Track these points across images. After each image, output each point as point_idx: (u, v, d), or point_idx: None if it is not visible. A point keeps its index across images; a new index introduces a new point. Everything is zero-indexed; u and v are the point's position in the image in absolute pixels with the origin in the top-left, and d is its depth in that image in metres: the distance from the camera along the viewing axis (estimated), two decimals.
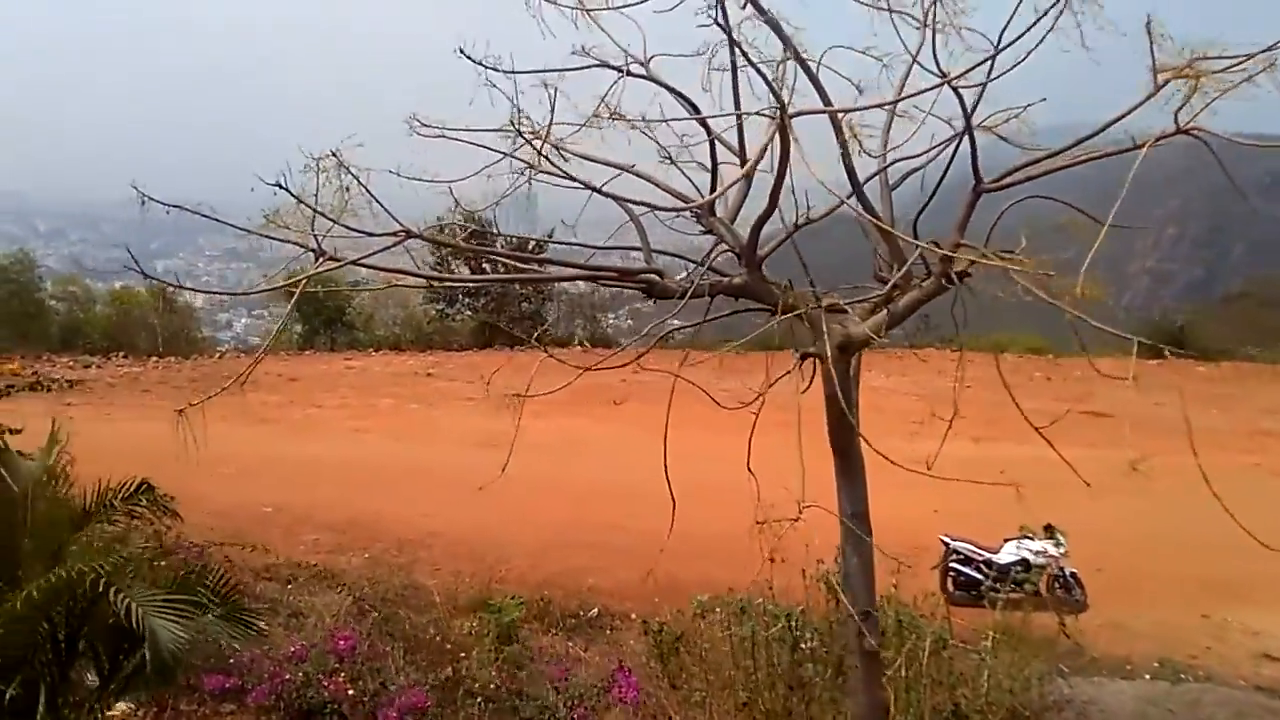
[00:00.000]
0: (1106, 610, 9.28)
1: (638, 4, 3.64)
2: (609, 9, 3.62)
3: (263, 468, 14.15)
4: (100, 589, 3.28)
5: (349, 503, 12.58)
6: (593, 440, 16.09)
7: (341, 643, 4.52)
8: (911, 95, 3.27)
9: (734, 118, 3.75)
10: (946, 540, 9.76)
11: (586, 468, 14.47)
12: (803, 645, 6.82)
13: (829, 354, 3.87)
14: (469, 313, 26.36)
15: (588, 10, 4.14)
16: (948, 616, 7.76)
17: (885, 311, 4.00)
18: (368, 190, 3.25)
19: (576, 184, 4.02)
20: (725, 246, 4.28)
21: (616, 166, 4.27)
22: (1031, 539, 9.55)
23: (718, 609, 9.43)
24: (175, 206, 3.49)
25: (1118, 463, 4.25)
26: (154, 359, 23.72)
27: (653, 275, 3.89)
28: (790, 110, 2.90)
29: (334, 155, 3.18)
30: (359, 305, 26.58)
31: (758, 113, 3.03)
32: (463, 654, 6.47)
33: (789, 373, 3.72)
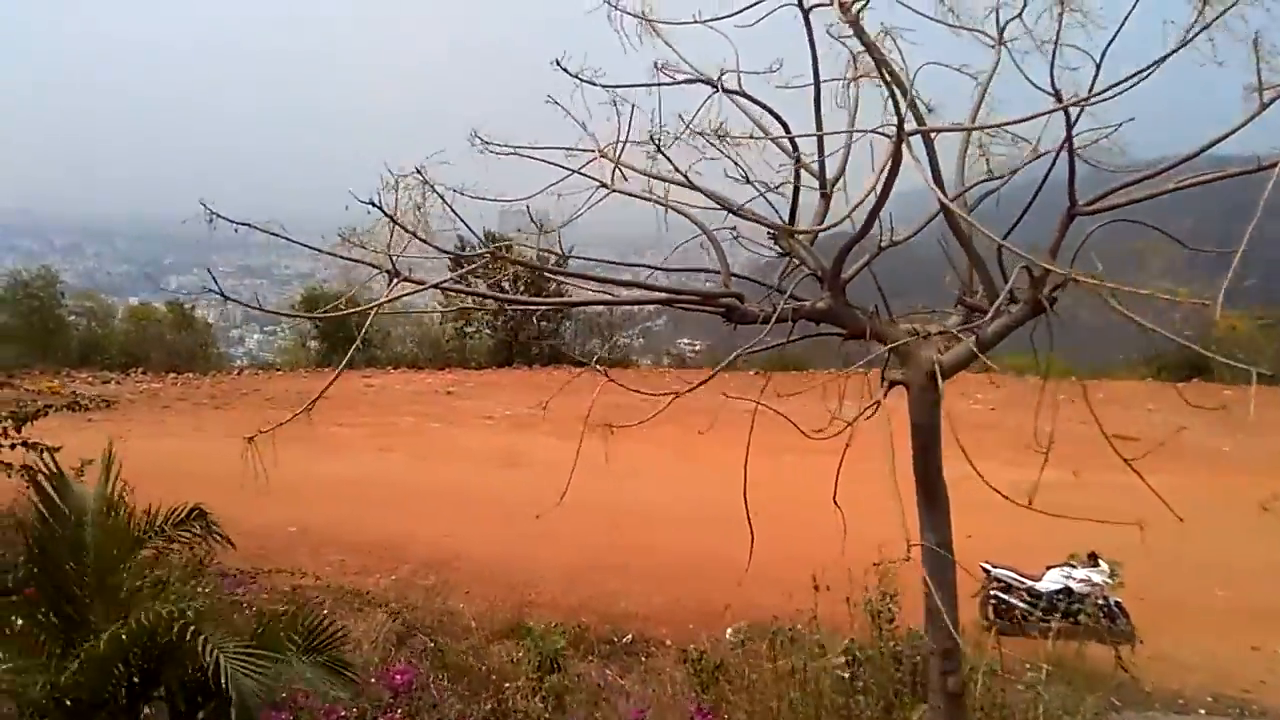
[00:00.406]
0: (1153, 641, 9.05)
1: (726, 18, 3.51)
2: (695, 22, 3.50)
3: (286, 487, 13.99)
4: (182, 633, 3.12)
5: (374, 523, 12.43)
6: (618, 461, 15.93)
7: (398, 677, 4.35)
8: (1033, 116, 3.13)
9: (816, 134, 3.61)
10: (987, 567, 9.55)
11: (613, 489, 14.28)
12: (857, 678, 6.63)
13: (921, 381, 3.73)
14: (487, 331, 26.26)
15: (649, 21, 4.05)
16: (997, 646, 7.56)
17: (974, 338, 3.85)
18: (452, 209, 3.13)
19: (661, 204, 3.89)
20: (800, 268, 4.16)
21: (693, 187, 4.13)
22: (1075, 566, 9.35)
23: (757, 637, 9.25)
24: (244, 224, 3.37)
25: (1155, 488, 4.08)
26: (172, 375, 23.67)
27: (733, 299, 3.75)
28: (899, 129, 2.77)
29: (418, 173, 3.06)
30: (377, 322, 26.52)
31: (875, 130, 2.91)
32: (508, 683, 6.30)
33: (877, 401, 3.56)
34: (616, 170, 4.17)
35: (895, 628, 7.47)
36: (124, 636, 3.05)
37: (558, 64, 3.60)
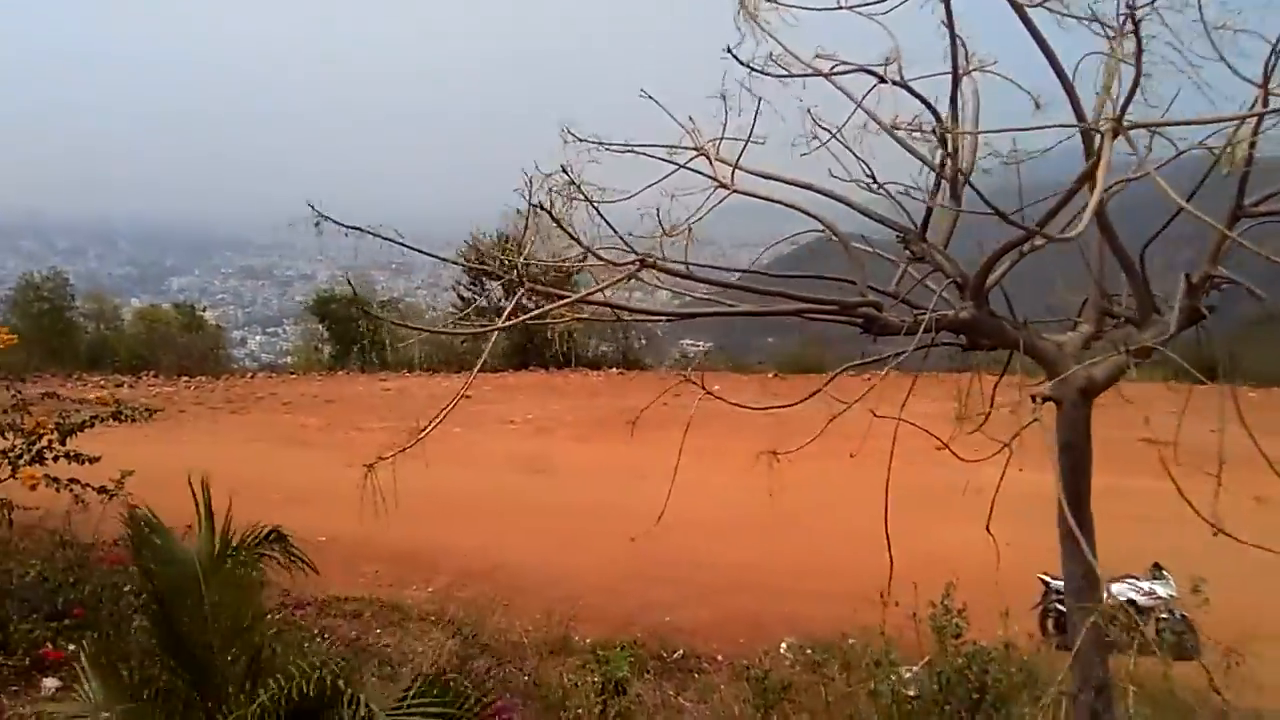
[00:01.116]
0: (1220, 656, 8.73)
1: (863, 6, 3.22)
2: (842, 8, 3.21)
3: (311, 494, 13.71)
4: (324, 693, 2.83)
5: (405, 532, 12.05)
6: (641, 468, 15.59)
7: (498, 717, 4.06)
8: (1253, 115, 2.82)
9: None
10: (1046, 579, 9.24)
11: (643, 497, 13.97)
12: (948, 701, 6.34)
13: (1073, 398, 3.44)
14: (502, 335, 25.96)
15: (760, 9, 3.79)
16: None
17: (1125, 351, 3.56)
18: (599, 213, 2.84)
19: (779, 205, 3.60)
20: (924, 277, 3.87)
21: (814, 189, 3.85)
22: (1138, 578, 9.06)
23: (812, 651, 8.98)
24: (354, 229, 3.08)
25: (1195, 493, 3.79)
26: (185, 378, 23.37)
27: (871, 309, 3.46)
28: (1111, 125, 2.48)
29: (564, 171, 2.77)
30: (389, 326, 26.19)
31: (1088, 127, 2.62)
32: (580, 708, 6.01)
33: (1035, 419, 3.27)
34: (719, 168, 3.89)
35: (961, 643, 7.21)
36: (278, 698, 2.76)
37: (729, 51, 3.30)
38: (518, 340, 25.28)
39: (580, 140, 4.02)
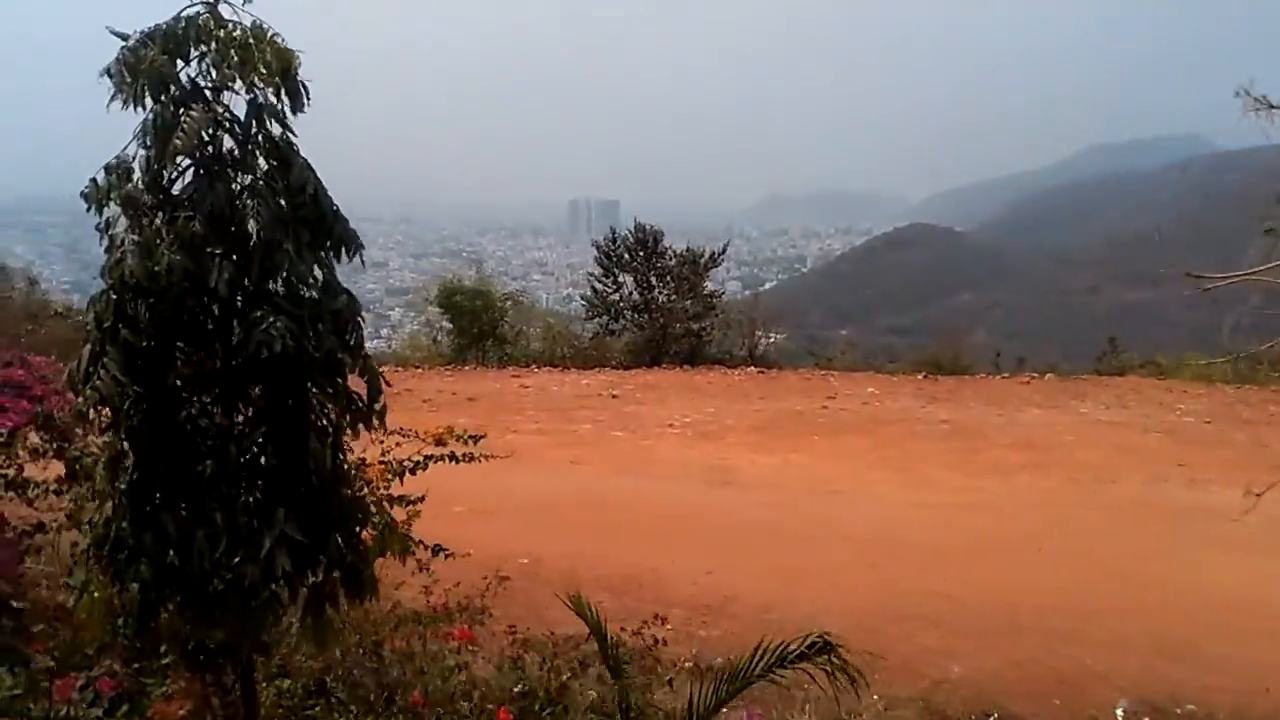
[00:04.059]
0: None
1: None
2: None
3: (494, 506, 12.63)
4: None
5: (612, 554, 10.93)
6: (830, 482, 14.21)
7: None
8: None
9: None
10: None
11: (850, 516, 12.62)
12: None
13: None
14: (634, 329, 24.78)
15: None
16: None
17: None
18: None
19: None
20: None
21: None
22: None
23: None
24: None
25: None
26: None
27: None
28: None
29: None
30: (512, 319, 25.28)
31: None
32: None
33: None
34: None
35: None
36: None
37: None
38: (650, 335, 24.10)
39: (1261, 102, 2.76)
